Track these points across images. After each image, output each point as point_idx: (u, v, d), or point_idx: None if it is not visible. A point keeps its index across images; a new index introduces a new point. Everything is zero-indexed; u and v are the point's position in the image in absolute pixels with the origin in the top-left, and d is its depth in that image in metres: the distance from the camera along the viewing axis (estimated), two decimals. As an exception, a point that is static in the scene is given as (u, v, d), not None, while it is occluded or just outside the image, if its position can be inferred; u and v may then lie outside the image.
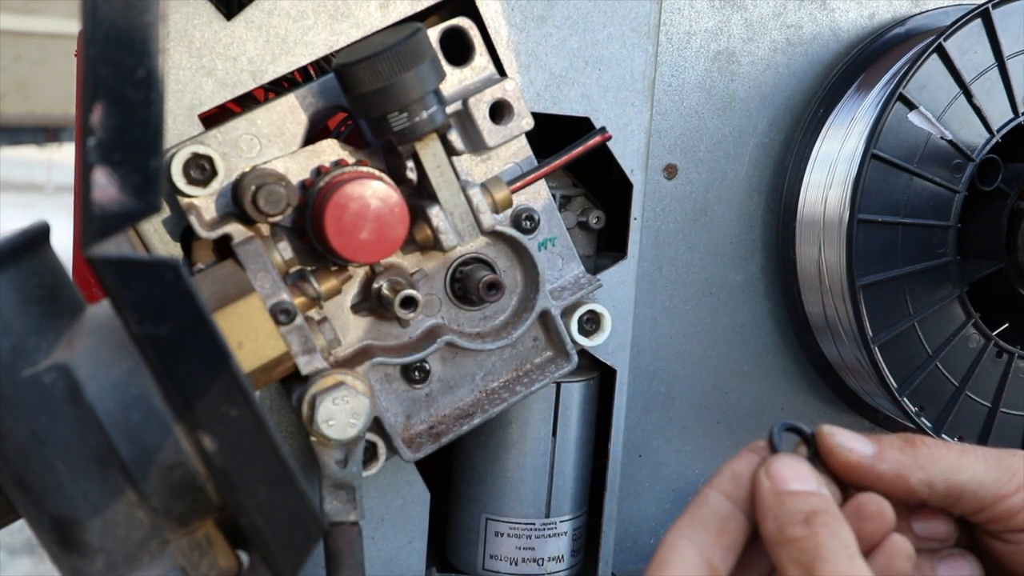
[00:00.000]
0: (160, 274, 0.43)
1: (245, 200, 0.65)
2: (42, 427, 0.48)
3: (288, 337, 0.64)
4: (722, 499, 0.50)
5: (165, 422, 0.49)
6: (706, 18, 0.83)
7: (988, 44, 0.79)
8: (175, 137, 0.69)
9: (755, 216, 0.87)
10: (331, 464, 0.68)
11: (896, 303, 0.79)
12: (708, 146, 0.85)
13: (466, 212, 0.69)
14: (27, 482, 0.48)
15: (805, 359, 0.89)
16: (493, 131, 0.71)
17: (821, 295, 0.83)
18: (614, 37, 0.78)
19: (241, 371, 0.46)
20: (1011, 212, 0.79)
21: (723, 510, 0.50)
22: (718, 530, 0.49)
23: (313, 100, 0.69)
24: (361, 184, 0.65)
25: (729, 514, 0.50)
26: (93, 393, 0.48)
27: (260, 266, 0.65)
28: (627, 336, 0.82)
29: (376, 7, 0.73)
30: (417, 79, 0.63)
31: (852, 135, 0.81)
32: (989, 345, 0.82)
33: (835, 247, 0.80)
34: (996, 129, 0.79)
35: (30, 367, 0.48)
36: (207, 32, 0.70)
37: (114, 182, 0.42)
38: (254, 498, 0.47)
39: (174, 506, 0.50)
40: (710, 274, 0.86)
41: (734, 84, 0.84)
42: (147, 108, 0.43)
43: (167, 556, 0.50)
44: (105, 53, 0.42)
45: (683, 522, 0.50)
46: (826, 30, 0.86)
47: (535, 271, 0.74)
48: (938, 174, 0.79)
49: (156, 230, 0.69)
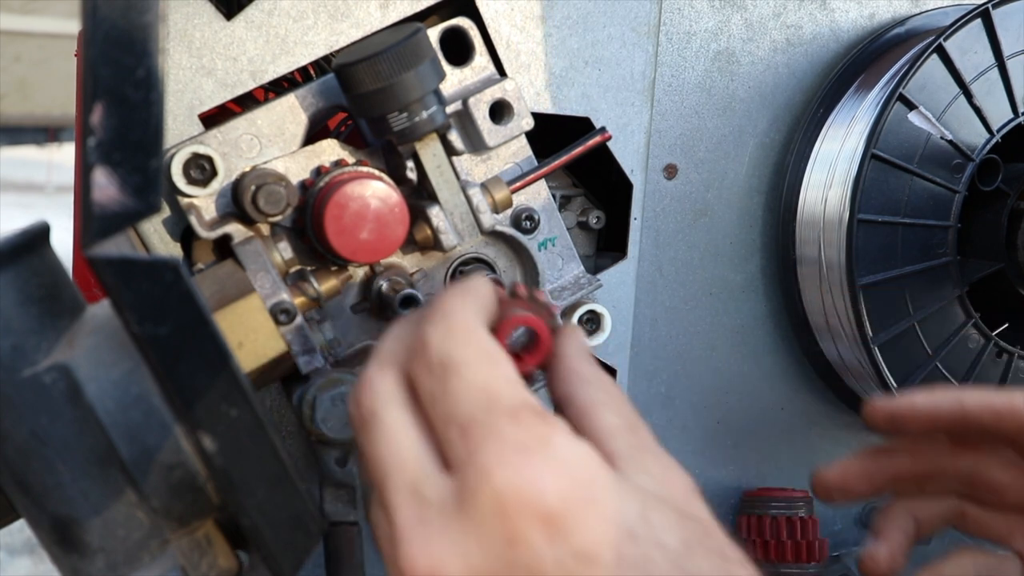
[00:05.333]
0: (160, 274, 0.43)
1: (245, 200, 0.65)
2: (42, 427, 0.48)
3: (288, 337, 0.64)
4: None
5: (165, 422, 0.49)
6: (706, 18, 0.83)
7: (988, 44, 0.79)
8: (175, 137, 0.69)
9: (755, 216, 0.87)
10: (331, 464, 0.68)
11: (896, 303, 0.79)
12: (708, 146, 0.85)
13: (466, 212, 0.69)
14: (27, 482, 0.48)
15: (805, 359, 0.89)
16: (493, 131, 0.71)
17: (821, 295, 0.83)
18: (614, 37, 0.78)
19: (241, 371, 0.46)
20: (1011, 212, 0.79)
21: None
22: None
23: (313, 100, 0.69)
24: (361, 184, 0.65)
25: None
26: (93, 393, 0.48)
27: (260, 266, 0.65)
28: (627, 336, 0.82)
29: (376, 7, 0.73)
30: (417, 79, 0.63)
31: (852, 135, 0.81)
32: (989, 345, 0.82)
33: (835, 247, 0.80)
34: (996, 129, 0.79)
35: (30, 367, 0.48)
36: (207, 32, 0.70)
37: (114, 182, 0.43)
38: (254, 498, 0.47)
39: (174, 506, 0.50)
40: (710, 274, 0.86)
41: (734, 84, 0.84)
42: (147, 108, 0.43)
43: (167, 556, 0.50)
44: (105, 53, 0.42)
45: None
46: (826, 30, 0.86)
47: (535, 271, 0.74)
48: (938, 174, 0.79)
49: (156, 230, 0.69)
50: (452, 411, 0.43)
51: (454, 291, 0.48)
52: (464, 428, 0.42)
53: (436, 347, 0.44)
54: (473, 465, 0.41)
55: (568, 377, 0.49)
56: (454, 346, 0.44)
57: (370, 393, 0.46)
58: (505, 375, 0.44)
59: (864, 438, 0.92)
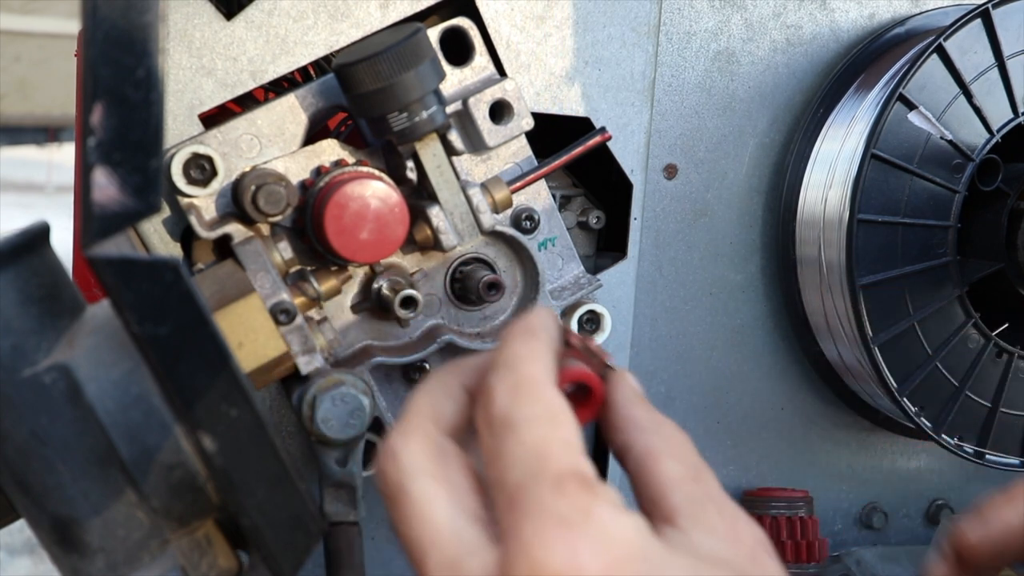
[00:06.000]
0: (160, 274, 0.43)
1: (245, 200, 0.65)
2: (42, 427, 0.48)
3: (288, 337, 0.64)
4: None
5: (165, 422, 0.49)
6: (706, 18, 0.83)
7: (988, 44, 0.79)
8: (175, 137, 0.69)
9: (755, 216, 0.87)
10: (331, 464, 0.68)
11: (896, 303, 0.79)
12: (708, 146, 0.85)
13: (466, 212, 0.69)
14: (27, 482, 0.48)
15: (805, 359, 0.89)
16: (493, 131, 0.71)
17: (821, 295, 0.83)
18: (614, 37, 0.78)
19: (241, 371, 0.46)
20: (1011, 212, 0.79)
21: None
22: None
23: (313, 100, 0.69)
24: (361, 184, 0.65)
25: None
26: (93, 393, 0.48)
27: (260, 266, 0.65)
28: (627, 336, 0.82)
29: (376, 7, 0.73)
30: (417, 79, 0.63)
31: (852, 135, 0.81)
32: (989, 345, 0.82)
33: (835, 247, 0.80)
34: (996, 129, 0.79)
35: (30, 367, 0.48)
36: (207, 32, 0.70)
37: (114, 182, 0.43)
38: (254, 498, 0.47)
39: (174, 506, 0.50)
40: (710, 274, 0.86)
41: (734, 84, 0.84)
42: (147, 108, 0.43)
43: (167, 556, 0.50)
44: (105, 53, 0.42)
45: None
46: (826, 30, 0.86)
47: (535, 271, 0.74)
48: (938, 174, 0.79)
49: (156, 230, 0.69)
50: (503, 477, 0.41)
51: (522, 333, 0.46)
52: (511, 497, 0.40)
53: (500, 403, 0.42)
54: (515, 539, 0.39)
55: (624, 426, 0.47)
56: (518, 404, 0.42)
57: (395, 466, 0.43)
58: (563, 438, 0.41)
59: (864, 438, 0.92)
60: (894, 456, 0.93)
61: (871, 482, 0.93)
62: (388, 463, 0.43)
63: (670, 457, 0.45)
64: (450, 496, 0.42)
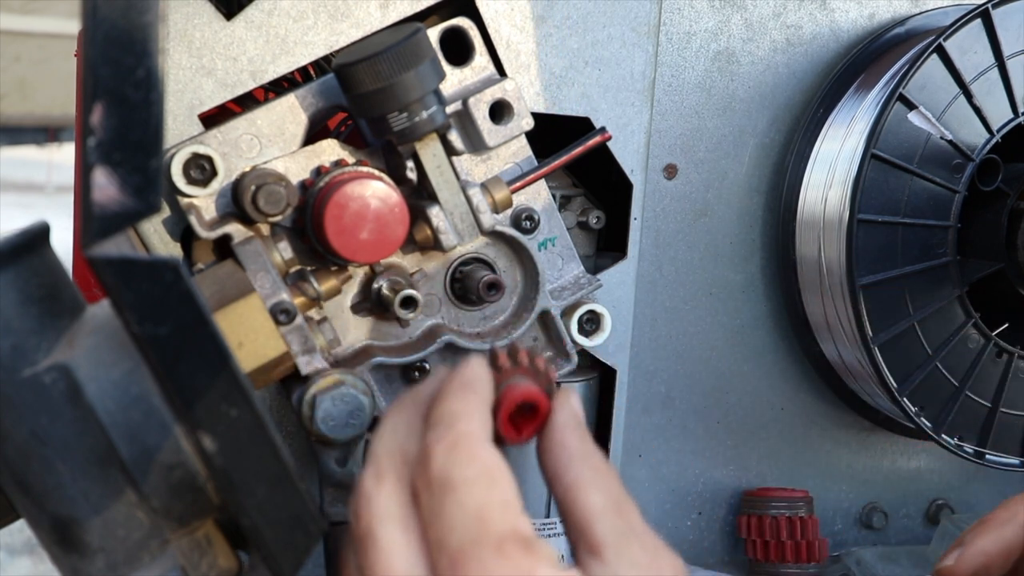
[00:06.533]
0: (160, 274, 0.43)
1: (245, 200, 0.65)
2: (42, 427, 0.48)
3: (288, 337, 0.64)
4: None
5: (165, 422, 0.49)
6: (706, 18, 0.83)
7: (988, 44, 0.79)
8: (175, 137, 0.69)
9: (755, 216, 0.87)
10: (331, 464, 0.68)
11: (896, 303, 0.79)
12: (708, 146, 0.85)
13: (466, 212, 0.69)
14: (27, 482, 0.48)
15: (805, 359, 0.89)
16: (493, 131, 0.71)
17: (821, 295, 0.83)
18: (614, 37, 0.78)
19: (241, 371, 0.46)
20: (1011, 212, 0.79)
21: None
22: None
23: (313, 100, 0.69)
24: (361, 184, 0.65)
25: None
26: (93, 393, 0.48)
27: (260, 266, 0.65)
28: (627, 336, 0.82)
29: (376, 7, 0.73)
30: (417, 79, 0.63)
31: (852, 135, 0.81)
32: (989, 345, 0.82)
33: (835, 247, 0.80)
34: (996, 129, 0.79)
35: (30, 367, 0.48)
36: (207, 32, 0.70)
37: (114, 182, 0.42)
38: (254, 498, 0.47)
39: (174, 506, 0.50)
40: (710, 274, 0.86)
41: (734, 84, 0.85)
42: (147, 108, 0.43)
43: (167, 556, 0.50)
44: (105, 53, 0.42)
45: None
46: (826, 30, 0.86)
47: (535, 271, 0.74)
48: (938, 174, 0.79)
49: (156, 230, 0.69)
50: (444, 538, 0.42)
51: (456, 391, 0.47)
52: (453, 559, 0.42)
53: (438, 464, 0.44)
54: None
55: (556, 452, 0.48)
56: (455, 464, 0.43)
57: (367, 509, 0.45)
58: (502, 499, 0.43)
59: (864, 438, 0.92)
60: (894, 456, 0.93)
61: (871, 482, 0.93)
62: (361, 504, 0.45)
63: (596, 489, 0.46)
64: (411, 546, 0.44)
